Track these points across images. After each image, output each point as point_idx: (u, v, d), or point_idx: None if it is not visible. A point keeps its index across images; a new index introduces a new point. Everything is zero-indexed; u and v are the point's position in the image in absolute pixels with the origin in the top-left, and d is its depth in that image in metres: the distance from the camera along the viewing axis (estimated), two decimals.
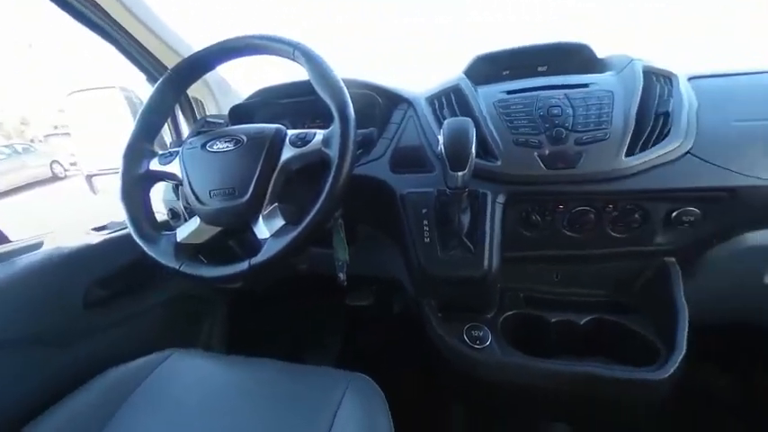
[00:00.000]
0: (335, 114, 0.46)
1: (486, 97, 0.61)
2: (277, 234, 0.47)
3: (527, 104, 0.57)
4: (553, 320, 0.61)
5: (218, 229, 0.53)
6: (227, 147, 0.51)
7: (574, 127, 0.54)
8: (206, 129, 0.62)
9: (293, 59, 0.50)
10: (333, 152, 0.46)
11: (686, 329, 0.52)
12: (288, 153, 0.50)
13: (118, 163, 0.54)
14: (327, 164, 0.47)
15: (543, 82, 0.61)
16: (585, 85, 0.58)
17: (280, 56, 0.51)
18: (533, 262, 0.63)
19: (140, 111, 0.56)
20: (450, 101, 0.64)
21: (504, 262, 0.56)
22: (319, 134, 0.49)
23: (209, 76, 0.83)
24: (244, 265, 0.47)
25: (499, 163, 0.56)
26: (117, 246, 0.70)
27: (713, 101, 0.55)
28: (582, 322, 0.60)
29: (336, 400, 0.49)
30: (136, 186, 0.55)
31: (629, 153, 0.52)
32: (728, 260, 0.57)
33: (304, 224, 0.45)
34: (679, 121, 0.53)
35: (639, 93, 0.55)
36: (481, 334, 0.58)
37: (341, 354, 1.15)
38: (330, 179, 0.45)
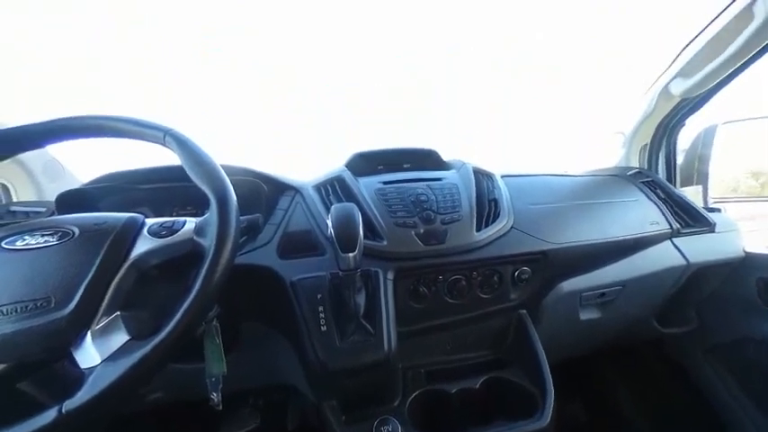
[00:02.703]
0: (212, 198, 0.41)
1: (367, 186, 0.70)
2: (115, 356, 0.34)
3: (400, 192, 0.68)
4: (453, 391, 0.64)
5: None
6: (46, 242, 0.39)
7: (438, 210, 0.66)
8: (5, 221, 0.46)
9: (164, 145, 0.46)
10: (207, 241, 0.40)
11: (549, 371, 0.62)
12: (145, 245, 0.41)
13: None
14: (200, 254, 0.40)
15: (410, 176, 0.75)
16: (440, 179, 0.74)
17: (146, 141, 0.46)
18: (426, 333, 0.66)
19: None
20: (335, 188, 0.70)
21: (401, 338, 0.57)
22: (191, 222, 0.44)
23: (26, 154, 0.66)
24: (48, 416, 0.31)
25: (385, 242, 0.61)
26: None
27: (517, 192, 0.79)
28: (477, 386, 0.65)
29: None
30: None
31: (478, 229, 0.66)
32: (556, 304, 0.74)
33: (162, 335, 0.35)
34: (503, 205, 0.72)
35: (474, 185, 0.74)
36: (390, 428, 0.55)
37: None
38: (204, 271, 0.37)
